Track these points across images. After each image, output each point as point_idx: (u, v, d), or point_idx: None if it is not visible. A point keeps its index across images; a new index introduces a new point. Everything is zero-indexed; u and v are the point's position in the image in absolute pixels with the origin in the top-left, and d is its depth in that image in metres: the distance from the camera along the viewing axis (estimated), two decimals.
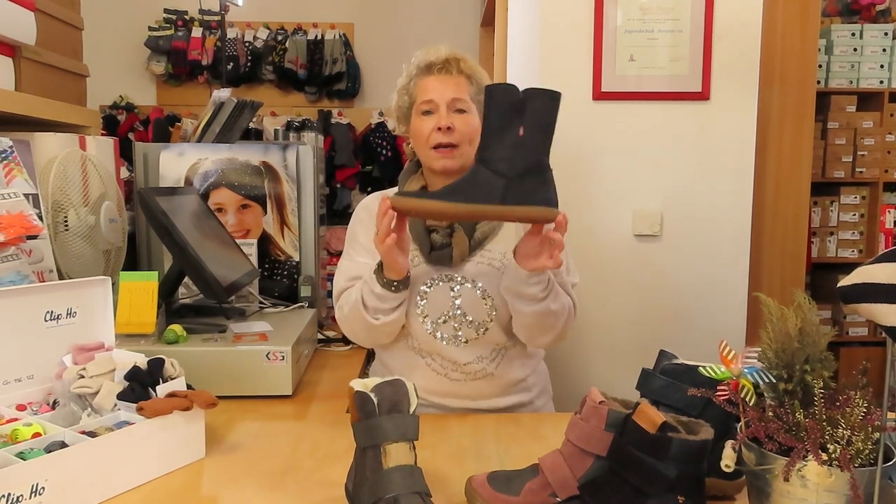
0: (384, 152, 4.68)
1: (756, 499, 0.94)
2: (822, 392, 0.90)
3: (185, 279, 1.77)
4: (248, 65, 4.76)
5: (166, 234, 1.63)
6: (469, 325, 1.49)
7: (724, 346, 0.98)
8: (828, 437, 0.88)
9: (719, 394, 0.96)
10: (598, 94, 2.06)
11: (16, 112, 1.58)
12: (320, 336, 2.07)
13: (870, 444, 0.88)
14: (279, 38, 4.79)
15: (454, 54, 1.53)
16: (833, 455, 0.86)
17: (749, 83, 2.08)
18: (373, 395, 0.98)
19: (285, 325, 1.76)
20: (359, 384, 1.01)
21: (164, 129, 3.39)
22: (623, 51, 2.04)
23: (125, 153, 2.14)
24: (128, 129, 4.67)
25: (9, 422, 1.14)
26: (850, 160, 3.66)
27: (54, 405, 1.25)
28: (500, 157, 1.23)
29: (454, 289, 1.49)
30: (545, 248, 1.31)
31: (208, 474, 1.19)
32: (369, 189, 4.67)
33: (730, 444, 0.91)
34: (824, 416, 0.89)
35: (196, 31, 4.75)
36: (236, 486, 1.14)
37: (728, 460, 0.90)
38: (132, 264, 2.05)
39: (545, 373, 1.67)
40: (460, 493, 1.08)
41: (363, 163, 4.76)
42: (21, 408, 1.22)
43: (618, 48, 2.04)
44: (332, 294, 1.60)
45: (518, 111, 1.23)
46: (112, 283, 1.37)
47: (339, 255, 1.63)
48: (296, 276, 2.07)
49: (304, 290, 2.04)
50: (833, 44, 3.67)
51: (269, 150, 2.09)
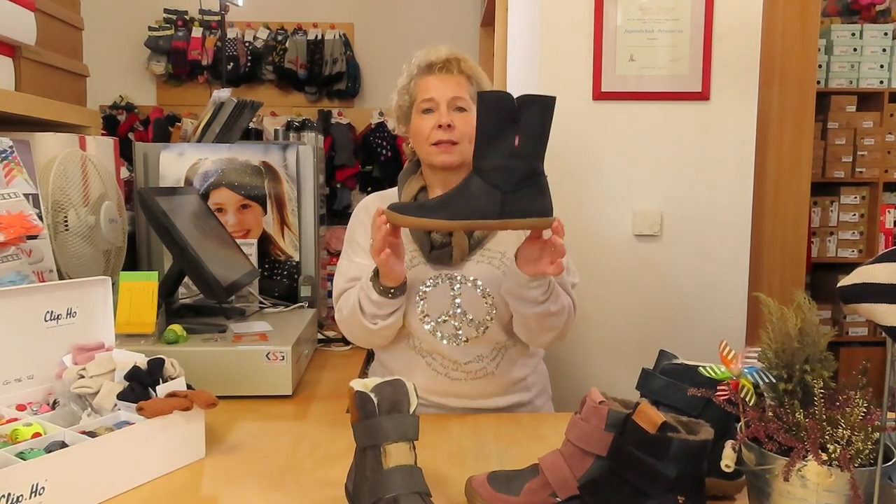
0: (384, 152, 4.68)
1: (756, 499, 0.94)
2: (822, 392, 0.90)
3: (185, 279, 1.77)
4: (248, 65, 4.76)
5: (166, 234, 1.63)
6: (469, 324, 1.49)
7: (724, 346, 0.98)
8: (828, 437, 0.88)
9: (719, 394, 0.96)
10: (598, 94, 2.06)
11: (16, 112, 1.58)
12: (320, 336, 2.07)
13: (870, 444, 0.88)
14: (279, 38, 4.79)
15: (455, 54, 1.54)
16: (833, 455, 0.86)
17: (749, 83, 2.08)
18: (373, 395, 0.98)
19: (285, 325, 1.76)
20: (359, 384, 1.01)
21: (164, 129, 3.39)
22: (623, 51, 2.04)
23: (125, 153, 2.14)
24: (128, 129, 4.67)
25: (9, 422, 1.14)
26: (850, 160, 3.66)
27: (54, 405, 1.25)
28: (496, 168, 1.23)
29: (454, 288, 1.49)
30: (546, 254, 1.32)
31: (208, 474, 1.19)
32: (369, 189, 4.67)
33: (730, 444, 0.91)
34: (824, 416, 0.89)
35: (196, 31, 4.74)
36: (236, 486, 1.14)
37: (728, 460, 0.90)
38: (132, 264, 2.05)
39: (545, 372, 1.68)
40: (460, 493, 1.08)
41: (363, 163, 4.76)
42: (21, 408, 1.22)
43: (618, 48, 2.04)
44: (331, 294, 1.60)
45: (512, 120, 1.22)
46: (112, 283, 1.37)
47: (339, 255, 1.63)
48: (296, 276, 2.07)
49: (304, 290, 2.04)
50: (833, 44, 3.67)
51: (269, 150, 2.09)
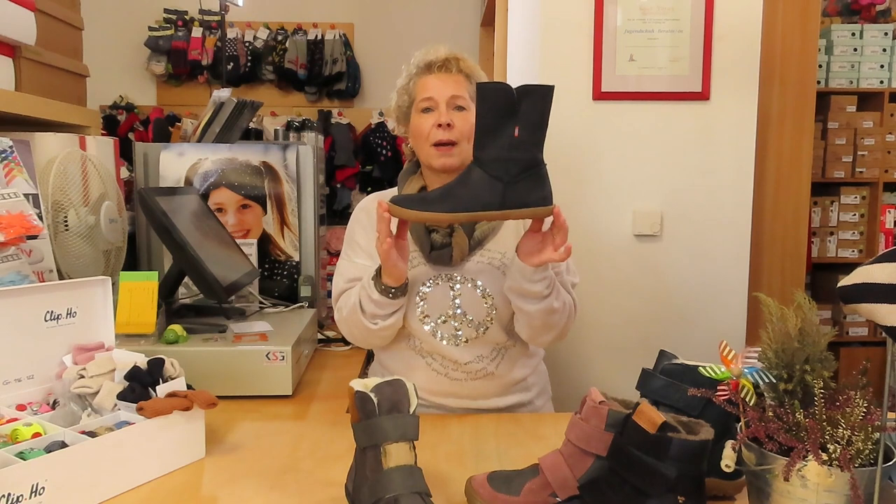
0: (384, 152, 4.68)
1: (756, 499, 0.94)
2: (822, 392, 0.90)
3: (185, 279, 1.77)
4: (248, 65, 4.76)
5: (166, 234, 1.63)
6: (469, 325, 1.49)
7: (724, 346, 0.98)
8: (828, 437, 0.88)
9: (719, 394, 0.96)
10: (598, 94, 2.06)
11: (16, 112, 1.58)
12: (320, 336, 2.07)
13: (870, 444, 0.88)
14: (279, 38, 4.80)
15: (453, 54, 1.54)
16: (833, 455, 0.86)
17: (749, 83, 2.08)
18: (373, 395, 0.98)
19: (285, 325, 1.76)
20: (359, 384, 1.01)
21: (164, 129, 3.39)
22: (623, 51, 2.04)
23: (125, 153, 2.14)
24: (128, 129, 4.67)
25: (9, 422, 1.14)
26: (850, 160, 3.66)
27: (54, 405, 1.25)
28: (497, 160, 1.24)
29: (454, 288, 1.49)
30: (548, 242, 1.33)
31: (208, 474, 1.19)
32: (369, 189, 4.67)
33: (730, 444, 0.91)
34: (824, 416, 0.89)
35: (196, 31, 4.75)
36: (236, 486, 1.14)
37: (728, 460, 0.90)
38: (132, 264, 2.05)
39: (545, 373, 1.68)
40: (460, 493, 1.08)
41: (363, 163, 4.77)
42: (21, 408, 1.22)
43: (618, 48, 2.04)
44: (331, 294, 1.60)
45: (512, 111, 1.23)
46: (112, 283, 1.37)
47: (339, 255, 1.63)
48: (296, 276, 2.07)
49: (304, 290, 2.04)
50: (833, 44, 3.67)
51: (269, 150, 2.09)
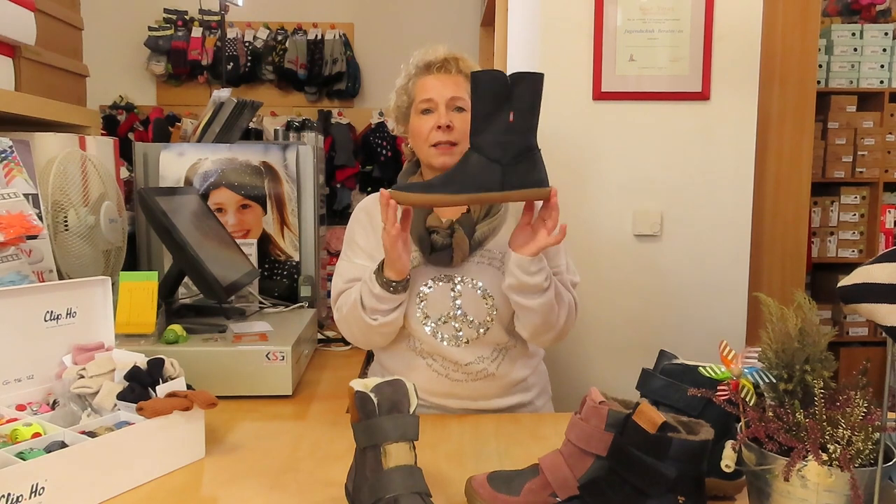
0: (384, 152, 4.68)
1: (756, 499, 0.94)
2: (822, 392, 0.90)
3: (185, 279, 1.77)
4: (248, 65, 4.76)
5: (166, 234, 1.63)
6: (470, 325, 1.49)
7: (724, 346, 0.98)
8: (828, 437, 0.88)
9: (719, 394, 0.96)
10: (598, 94, 2.06)
11: (16, 112, 1.58)
12: (320, 336, 2.07)
13: (870, 444, 0.88)
14: (279, 38, 4.79)
15: (452, 54, 1.54)
16: (833, 455, 0.86)
17: (749, 83, 2.08)
18: (373, 395, 0.98)
19: (285, 325, 1.76)
20: (359, 384, 1.01)
21: (164, 129, 3.39)
22: (623, 51, 2.04)
23: (125, 153, 2.14)
24: (128, 129, 4.67)
25: (9, 422, 1.14)
26: (851, 160, 3.66)
27: (54, 405, 1.25)
28: (494, 143, 1.28)
29: (454, 289, 1.49)
30: (540, 228, 1.36)
31: (208, 474, 1.19)
32: (369, 189, 4.68)
33: (730, 444, 0.91)
34: (824, 416, 0.89)
35: (196, 31, 4.75)
36: (236, 486, 1.14)
37: (728, 460, 0.90)
38: (132, 264, 2.05)
39: (545, 373, 1.67)
40: (460, 493, 1.08)
41: (363, 163, 4.77)
42: (21, 408, 1.22)
43: (618, 48, 2.04)
44: (331, 294, 1.60)
45: (506, 97, 1.27)
46: (112, 283, 1.37)
47: (339, 255, 1.63)
48: (296, 276, 2.07)
49: (304, 290, 2.04)
50: (833, 44, 3.67)
51: (269, 150, 2.09)
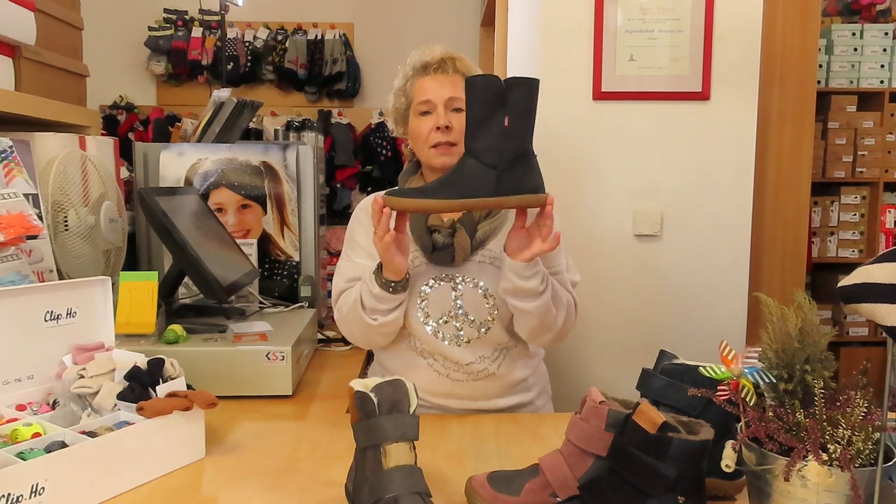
0: (384, 152, 4.68)
1: (756, 499, 0.94)
2: (822, 392, 0.90)
3: (185, 279, 1.77)
4: (248, 65, 4.76)
5: (166, 234, 1.63)
6: (471, 325, 1.49)
7: (724, 346, 0.98)
8: (828, 437, 0.88)
9: (719, 394, 0.96)
10: (598, 94, 2.06)
11: (16, 112, 1.58)
12: (320, 336, 2.07)
13: (870, 444, 0.88)
14: (279, 38, 4.79)
15: (449, 54, 1.53)
16: (833, 455, 0.86)
17: (749, 83, 2.08)
18: (373, 395, 0.98)
19: (285, 325, 1.76)
20: (359, 384, 1.01)
21: (164, 129, 3.39)
22: (623, 51, 2.04)
23: (125, 153, 2.14)
24: (128, 129, 4.67)
25: (9, 422, 1.14)
26: (851, 160, 3.66)
27: (54, 405, 1.25)
28: (489, 148, 1.27)
29: (456, 289, 1.49)
30: (535, 235, 1.35)
31: (208, 474, 1.19)
32: (369, 189, 4.67)
33: (730, 444, 0.91)
34: (824, 416, 0.89)
35: (196, 31, 4.75)
36: (236, 486, 1.14)
37: (728, 460, 0.90)
38: (132, 264, 2.05)
39: (545, 373, 1.68)
40: (460, 493, 1.08)
41: (363, 163, 4.77)
42: (21, 408, 1.22)
43: (618, 48, 2.04)
44: (331, 294, 1.60)
45: (501, 102, 1.26)
46: (112, 283, 1.37)
47: (339, 255, 1.63)
48: (296, 276, 2.07)
49: (304, 290, 2.04)
50: (833, 44, 3.67)
51: (269, 150, 2.09)
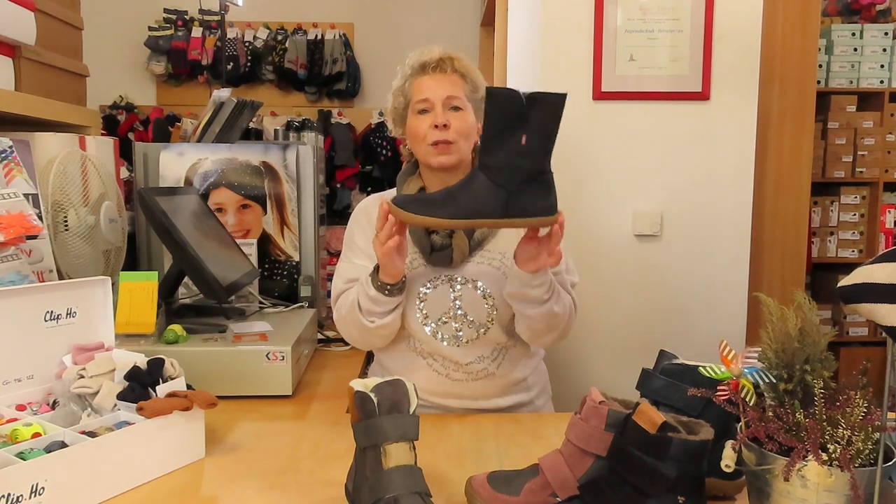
0: (384, 152, 4.68)
1: (756, 499, 0.94)
2: (822, 392, 0.90)
3: (185, 279, 1.77)
4: (248, 65, 4.76)
5: (166, 234, 1.63)
6: (470, 326, 1.49)
7: (724, 346, 0.98)
8: (828, 437, 0.88)
9: (719, 394, 0.96)
10: (598, 94, 2.06)
11: (16, 112, 1.58)
12: (320, 336, 2.07)
13: (870, 444, 0.88)
14: (279, 38, 4.79)
15: (447, 53, 1.53)
16: (833, 455, 0.86)
17: (749, 83, 2.08)
18: (373, 395, 0.98)
19: (285, 325, 1.76)
20: (359, 384, 1.01)
21: (164, 129, 3.38)
22: (623, 51, 2.04)
23: (125, 153, 2.14)
24: (128, 129, 4.67)
25: (9, 422, 1.14)
26: (851, 160, 3.66)
27: (54, 405, 1.25)
28: (501, 166, 1.22)
29: (454, 289, 1.49)
30: (543, 248, 1.33)
31: (208, 474, 1.19)
32: (369, 189, 4.68)
33: (730, 444, 0.91)
34: (824, 416, 0.89)
35: (196, 31, 4.75)
36: (236, 486, 1.14)
37: (728, 460, 0.90)
38: (132, 264, 2.05)
39: (545, 372, 1.68)
40: (460, 493, 1.08)
41: (363, 163, 4.77)
42: (21, 408, 1.22)
43: (618, 48, 2.04)
44: (331, 295, 1.60)
45: (520, 118, 1.20)
46: (112, 283, 1.37)
47: (339, 255, 1.63)
48: (296, 276, 2.07)
49: (304, 290, 2.04)
50: (833, 44, 3.67)
51: (269, 150, 2.09)
